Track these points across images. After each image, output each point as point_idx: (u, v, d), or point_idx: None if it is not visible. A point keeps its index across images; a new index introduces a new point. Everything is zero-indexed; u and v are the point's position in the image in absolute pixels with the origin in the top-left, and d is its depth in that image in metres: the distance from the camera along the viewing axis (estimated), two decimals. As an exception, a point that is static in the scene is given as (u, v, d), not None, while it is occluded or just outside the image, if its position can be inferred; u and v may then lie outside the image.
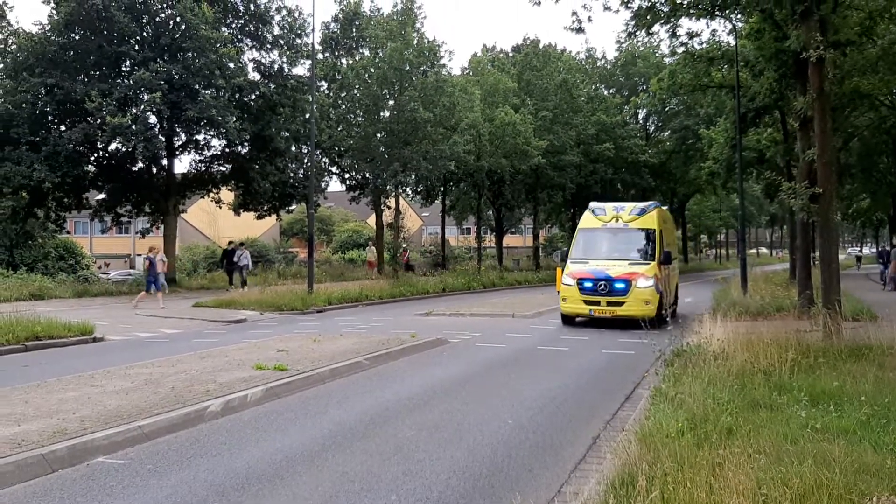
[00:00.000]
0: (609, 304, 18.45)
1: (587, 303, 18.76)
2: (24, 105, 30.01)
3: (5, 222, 33.57)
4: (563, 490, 6.28)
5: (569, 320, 19.61)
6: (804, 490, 5.19)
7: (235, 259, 32.89)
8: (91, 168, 33.91)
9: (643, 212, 20.17)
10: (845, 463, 5.84)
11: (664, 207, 23.38)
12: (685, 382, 9.14)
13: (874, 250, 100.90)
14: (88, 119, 30.38)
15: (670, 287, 20.63)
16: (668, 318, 18.69)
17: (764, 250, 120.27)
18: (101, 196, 36.26)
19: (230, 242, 35.23)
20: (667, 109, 54.99)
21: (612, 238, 19.99)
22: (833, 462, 5.81)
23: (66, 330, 16.13)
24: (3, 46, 30.95)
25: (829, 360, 10.47)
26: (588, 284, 18.73)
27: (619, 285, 18.35)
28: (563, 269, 19.98)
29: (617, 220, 20.06)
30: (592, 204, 21.33)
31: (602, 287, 18.52)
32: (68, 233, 43.70)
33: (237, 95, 33.10)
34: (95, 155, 33.79)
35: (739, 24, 23.76)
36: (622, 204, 21.19)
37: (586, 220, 20.90)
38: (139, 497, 6.26)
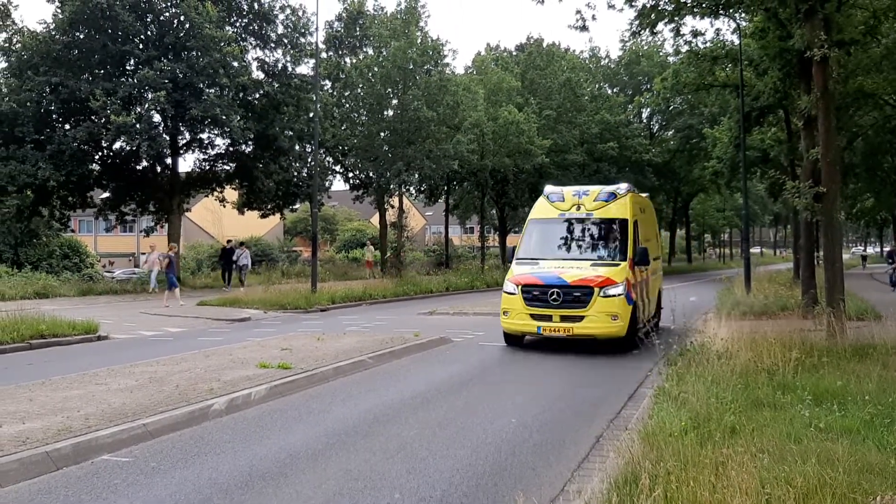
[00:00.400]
0: (563, 318, 14.07)
1: (535, 317, 14.33)
2: (28, 104, 30.11)
3: (10, 221, 33.67)
4: (567, 489, 6.28)
5: (514, 340, 15.31)
6: (808, 489, 5.18)
7: (235, 258, 32.92)
8: (95, 167, 34.01)
9: (612, 197, 15.81)
10: (849, 462, 5.83)
11: (644, 195, 19.59)
12: (689, 381, 9.13)
13: (878, 250, 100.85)
14: (93, 118, 30.49)
15: (650, 295, 16.64)
16: (644, 338, 14.16)
17: (767, 250, 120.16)
18: (106, 195, 36.41)
19: (229, 241, 35.27)
20: (671, 108, 54.94)
21: (570, 231, 15.85)
22: (837, 461, 5.81)
23: (70, 328, 16.17)
24: (7, 45, 31.07)
25: (832, 359, 10.46)
26: (536, 293, 14.28)
27: (577, 294, 13.98)
28: None
29: (578, 209, 15.73)
30: (548, 188, 16.94)
31: (554, 296, 14.06)
32: (73, 231, 43.77)
33: (241, 94, 33.16)
34: (100, 154, 33.91)
35: (743, 23, 23.75)
36: (586, 187, 16.66)
37: (539, 208, 16.55)
38: (143, 495, 6.28)
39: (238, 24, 35.23)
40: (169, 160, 34.68)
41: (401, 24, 38.14)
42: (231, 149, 35.46)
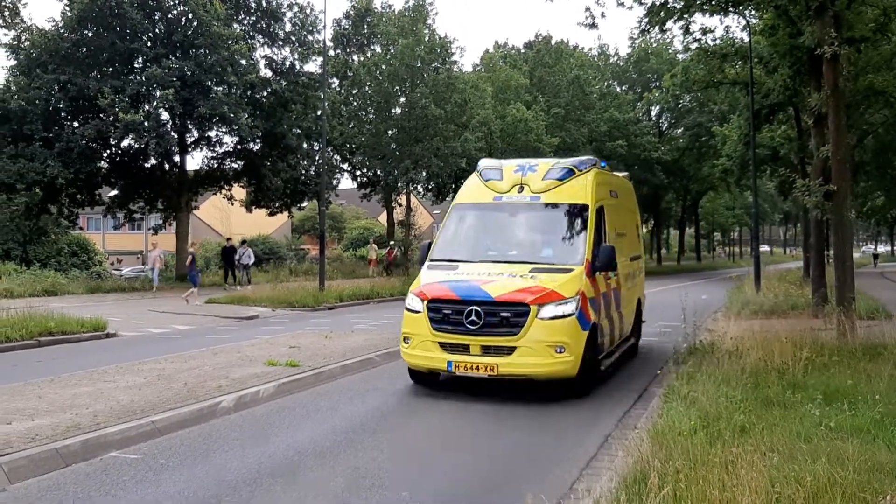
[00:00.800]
0: (486, 350, 9.71)
1: (445, 348, 9.91)
2: (37, 102, 30.22)
3: (19, 218, 33.80)
4: (576, 487, 6.26)
5: (423, 377, 10.76)
6: (817, 488, 5.16)
7: (237, 257, 32.85)
8: (104, 164, 34.17)
9: (569, 174, 11.36)
10: (859, 461, 5.80)
11: (623, 174, 15.36)
12: (698, 380, 9.10)
13: (889, 248, 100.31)
14: (101, 116, 30.56)
15: (622, 308, 12.37)
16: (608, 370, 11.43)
17: (777, 248, 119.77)
18: (114, 192, 36.50)
19: (228, 240, 35.24)
20: (680, 106, 54.81)
21: (508, 222, 11.56)
22: (847, 460, 5.78)
23: (79, 326, 16.20)
24: (16, 43, 31.13)
25: (843, 358, 10.41)
26: (447, 312, 9.95)
27: (505, 314, 9.68)
28: None
29: (521, 190, 11.30)
30: (483, 162, 12.50)
31: (473, 318, 9.67)
32: (81, 229, 43.89)
33: (249, 92, 33.20)
34: (108, 151, 34.04)
35: (753, 21, 23.63)
36: (535, 161, 12.17)
37: (469, 189, 12.11)
38: (152, 491, 6.29)
39: (246, 22, 35.30)
40: (177, 158, 34.77)
41: (409, 21, 38.15)
42: (239, 147, 35.53)
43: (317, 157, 38.22)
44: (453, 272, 10.56)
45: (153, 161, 34.27)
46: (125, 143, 32.97)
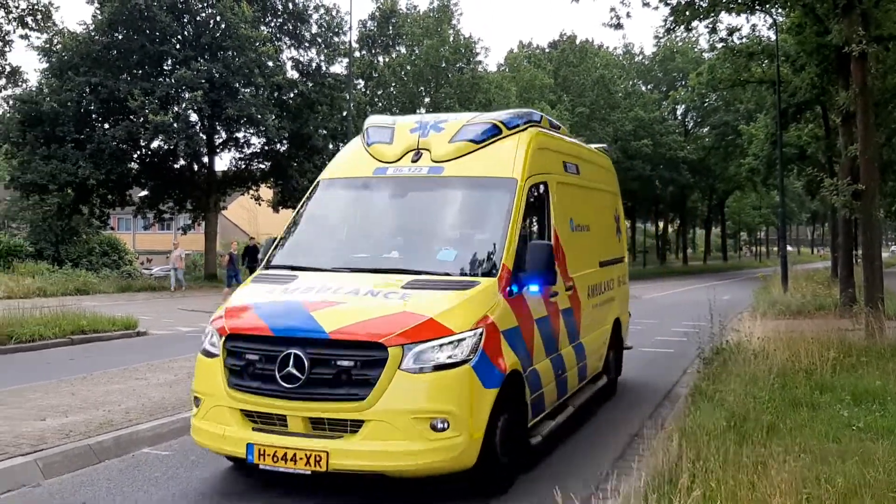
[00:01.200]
0: (315, 424, 5.64)
1: (250, 417, 5.84)
2: (69, 104, 30.66)
3: (51, 219, 34.29)
4: (604, 486, 6.26)
5: (238, 461, 6.26)
6: (848, 489, 5.13)
7: (260, 256, 32.96)
8: (134, 165, 34.61)
9: (492, 134, 7.20)
10: (889, 462, 5.76)
11: (596, 146, 11.14)
12: (725, 381, 9.04)
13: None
14: (131, 117, 30.99)
15: (587, 336, 8.51)
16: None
17: (805, 248, 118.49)
18: (144, 193, 36.95)
19: (251, 238, 35.46)
20: (706, 105, 54.46)
21: (391, 208, 7.53)
22: (877, 461, 5.73)
23: (110, 324, 16.37)
24: (48, 46, 31.60)
25: (871, 359, 10.29)
26: (253, 356, 5.85)
27: (345, 362, 5.60)
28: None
29: (417, 157, 7.18)
30: (370, 119, 8.14)
31: (291, 368, 5.59)
32: (112, 229, 44.53)
33: (276, 94, 33.48)
34: (138, 152, 34.47)
35: (780, 19, 23.45)
36: (443, 116, 7.82)
37: (344, 158, 8.20)
38: (183, 488, 6.39)
39: (273, 24, 35.60)
40: (205, 159, 35.16)
41: (433, 22, 38.30)
42: (266, 147, 35.82)
43: (342, 158, 38.37)
44: (284, 287, 6.53)
45: (182, 162, 34.68)
46: (155, 144, 33.40)
